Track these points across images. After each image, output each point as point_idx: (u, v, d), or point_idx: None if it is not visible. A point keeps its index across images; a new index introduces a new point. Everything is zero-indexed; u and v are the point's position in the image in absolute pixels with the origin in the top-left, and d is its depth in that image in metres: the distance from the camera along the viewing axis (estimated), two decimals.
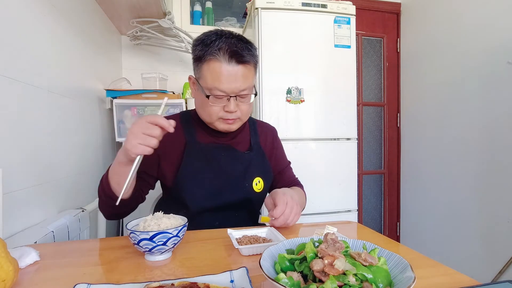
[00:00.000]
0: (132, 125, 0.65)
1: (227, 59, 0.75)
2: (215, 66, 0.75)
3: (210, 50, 0.75)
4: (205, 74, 0.77)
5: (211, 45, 0.75)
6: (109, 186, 0.73)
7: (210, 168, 0.85)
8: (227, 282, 0.47)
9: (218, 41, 0.75)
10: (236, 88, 0.77)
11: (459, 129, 1.90)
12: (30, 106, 0.90)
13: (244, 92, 0.79)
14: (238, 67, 0.76)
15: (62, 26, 1.13)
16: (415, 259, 0.60)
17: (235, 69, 0.76)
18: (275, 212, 0.74)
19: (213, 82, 0.76)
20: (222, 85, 0.76)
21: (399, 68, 2.45)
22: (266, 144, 0.98)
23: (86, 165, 1.33)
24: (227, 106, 0.78)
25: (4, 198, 0.72)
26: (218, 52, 0.74)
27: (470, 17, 1.82)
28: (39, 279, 0.52)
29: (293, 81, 1.67)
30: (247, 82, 0.78)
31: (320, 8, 1.69)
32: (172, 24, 1.74)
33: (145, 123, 0.64)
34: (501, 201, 1.64)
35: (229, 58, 0.75)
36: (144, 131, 0.63)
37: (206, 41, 0.76)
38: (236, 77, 0.76)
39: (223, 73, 0.75)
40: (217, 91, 0.76)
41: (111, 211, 0.79)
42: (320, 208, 1.69)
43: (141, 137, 0.63)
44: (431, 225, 2.13)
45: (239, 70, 0.76)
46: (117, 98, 1.57)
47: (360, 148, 2.38)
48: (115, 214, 0.82)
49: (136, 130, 0.63)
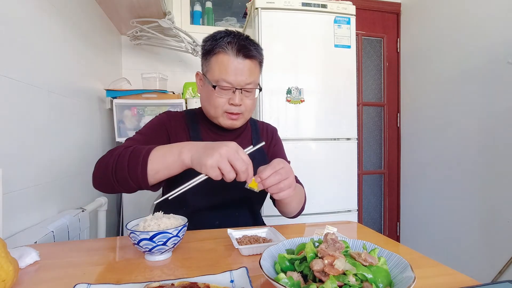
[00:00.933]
0: (222, 145, 0.62)
1: (235, 53, 0.79)
2: (223, 59, 0.79)
3: (220, 43, 0.79)
4: (213, 66, 0.81)
5: (221, 40, 0.79)
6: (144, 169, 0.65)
7: None
8: (227, 282, 0.47)
9: (227, 37, 0.80)
10: (242, 81, 0.80)
11: (459, 129, 1.90)
12: (30, 106, 0.90)
13: (250, 86, 0.82)
14: (245, 61, 0.80)
15: (62, 26, 1.13)
16: (415, 259, 0.60)
17: (242, 62, 0.79)
18: (263, 173, 0.65)
19: (220, 74, 0.79)
20: (229, 77, 0.79)
21: (399, 68, 2.45)
22: (267, 143, 1.00)
23: (86, 165, 1.33)
24: (232, 98, 0.81)
25: (4, 198, 0.72)
26: (227, 46, 0.79)
27: (470, 17, 1.82)
28: (39, 279, 0.52)
29: (293, 81, 1.67)
30: (252, 76, 0.82)
31: (320, 8, 1.69)
32: (172, 24, 1.74)
33: (235, 154, 0.61)
34: (501, 201, 1.64)
35: (237, 52, 0.79)
36: (232, 160, 0.61)
37: (216, 36, 0.81)
38: (243, 71, 0.80)
39: (231, 66, 0.79)
40: (224, 82, 0.79)
41: (111, 188, 0.70)
42: (320, 208, 1.69)
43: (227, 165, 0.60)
44: (431, 225, 2.13)
45: (246, 64, 0.80)
46: (117, 98, 1.57)
47: (360, 148, 2.38)
48: (112, 189, 0.71)
49: (225, 153, 0.61)
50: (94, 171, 0.71)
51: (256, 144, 0.73)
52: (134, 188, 0.68)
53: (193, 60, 2.06)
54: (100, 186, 0.72)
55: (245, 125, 0.94)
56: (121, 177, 0.66)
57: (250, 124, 0.99)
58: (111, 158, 0.69)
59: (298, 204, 0.87)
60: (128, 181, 0.66)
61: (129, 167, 0.66)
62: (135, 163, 0.65)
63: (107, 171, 0.68)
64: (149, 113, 1.62)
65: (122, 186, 0.68)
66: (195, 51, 1.87)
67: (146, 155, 0.66)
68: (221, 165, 0.60)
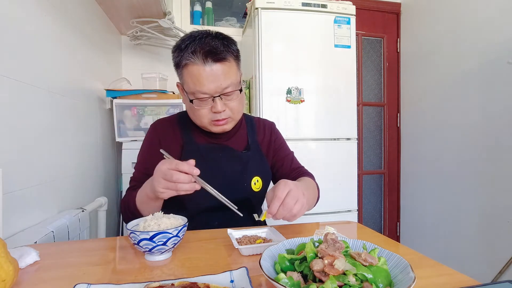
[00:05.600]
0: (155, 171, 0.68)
1: (202, 60, 0.74)
2: (193, 70, 0.75)
3: (185, 54, 0.74)
4: (186, 79, 0.77)
5: (185, 49, 0.74)
6: (140, 214, 0.77)
7: (207, 168, 0.85)
8: (227, 282, 0.47)
9: (191, 44, 0.74)
10: (218, 88, 0.75)
11: (459, 129, 1.90)
12: (30, 106, 0.90)
13: (228, 90, 0.77)
14: (216, 65, 0.75)
15: (62, 26, 1.13)
16: (415, 259, 0.60)
17: (213, 68, 0.74)
18: (271, 208, 0.63)
19: (194, 86, 0.75)
20: (203, 87, 0.75)
21: (399, 68, 2.45)
22: (264, 141, 0.97)
23: (86, 165, 1.33)
24: (214, 107, 0.77)
25: (4, 198, 0.72)
26: (193, 56, 0.74)
27: (470, 17, 1.82)
28: (39, 279, 0.52)
29: (293, 81, 1.67)
30: (228, 79, 0.77)
31: (320, 8, 1.69)
32: (172, 24, 1.74)
33: (166, 171, 0.65)
34: (501, 201, 1.64)
35: (204, 58, 0.73)
36: (168, 178, 0.65)
37: (180, 46, 0.76)
38: (216, 76, 0.75)
39: (202, 75, 0.74)
40: (200, 94, 0.76)
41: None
42: (320, 208, 1.68)
43: (166, 184, 0.66)
44: (431, 225, 2.13)
45: (218, 68, 0.75)
46: (117, 98, 1.57)
47: (360, 148, 2.38)
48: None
49: (158, 177, 0.66)
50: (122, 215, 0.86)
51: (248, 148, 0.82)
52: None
53: None
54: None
55: (239, 124, 0.91)
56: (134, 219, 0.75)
57: (245, 121, 0.97)
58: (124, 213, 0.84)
59: (313, 199, 0.86)
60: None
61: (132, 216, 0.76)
62: (132, 215, 0.77)
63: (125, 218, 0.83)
64: (149, 113, 1.62)
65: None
66: None
67: (135, 207, 0.78)
68: (167, 186, 0.66)
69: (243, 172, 0.88)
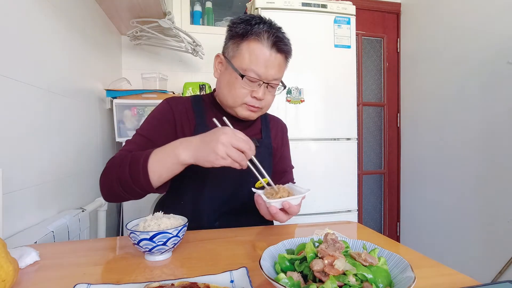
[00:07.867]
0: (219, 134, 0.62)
1: (270, 44, 0.74)
2: (256, 48, 0.74)
3: (255, 29, 0.73)
4: (244, 53, 0.75)
5: (256, 26, 0.74)
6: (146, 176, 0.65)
7: None
8: (227, 282, 0.47)
9: (262, 24, 0.74)
10: (270, 76, 0.76)
11: (459, 129, 1.90)
12: (30, 106, 0.90)
13: (275, 82, 0.78)
14: (278, 55, 0.76)
15: (62, 26, 1.13)
16: (415, 259, 0.60)
17: (275, 56, 0.75)
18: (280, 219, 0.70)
19: (250, 63, 0.74)
20: (260, 68, 0.74)
21: (399, 68, 2.45)
22: (276, 140, 0.95)
23: (86, 165, 1.32)
24: (256, 92, 0.76)
25: (4, 198, 0.72)
26: (262, 34, 0.74)
27: (470, 17, 1.82)
28: (39, 279, 0.52)
29: (293, 81, 1.67)
30: (280, 72, 0.78)
31: (320, 8, 1.69)
32: (172, 24, 1.74)
33: (239, 139, 0.62)
34: (501, 201, 1.64)
35: (272, 44, 0.74)
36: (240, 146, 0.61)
37: (250, 21, 0.75)
38: (274, 65, 0.75)
39: (263, 57, 0.74)
40: (252, 73, 0.74)
41: (121, 198, 0.71)
42: (320, 208, 1.69)
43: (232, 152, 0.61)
44: (431, 225, 2.13)
45: (278, 58, 0.76)
46: (117, 98, 1.57)
47: (360, 148, 2.38)
48: (123, 199, 0.73)
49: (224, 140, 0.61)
50: (101, 186, 0.72)
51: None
52: (142, 194, 0.69)
53: (193, 60, 2.06)
54: (110, 198, 0.74)
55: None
56: (127, 188, 0.67)
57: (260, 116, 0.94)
58: (113, 169, 0.69)
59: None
60: (135, 189, 0.67)
61: (132, 177, 0.66)
62: (136, 172, 0.65)
63: (113, 185, 0.68)
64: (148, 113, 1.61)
65: (131, 194, 0.69)
66: (195, 51, 1.87)
67: (145, 162, 0.65)
68: (230, 154, 0.60)
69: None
